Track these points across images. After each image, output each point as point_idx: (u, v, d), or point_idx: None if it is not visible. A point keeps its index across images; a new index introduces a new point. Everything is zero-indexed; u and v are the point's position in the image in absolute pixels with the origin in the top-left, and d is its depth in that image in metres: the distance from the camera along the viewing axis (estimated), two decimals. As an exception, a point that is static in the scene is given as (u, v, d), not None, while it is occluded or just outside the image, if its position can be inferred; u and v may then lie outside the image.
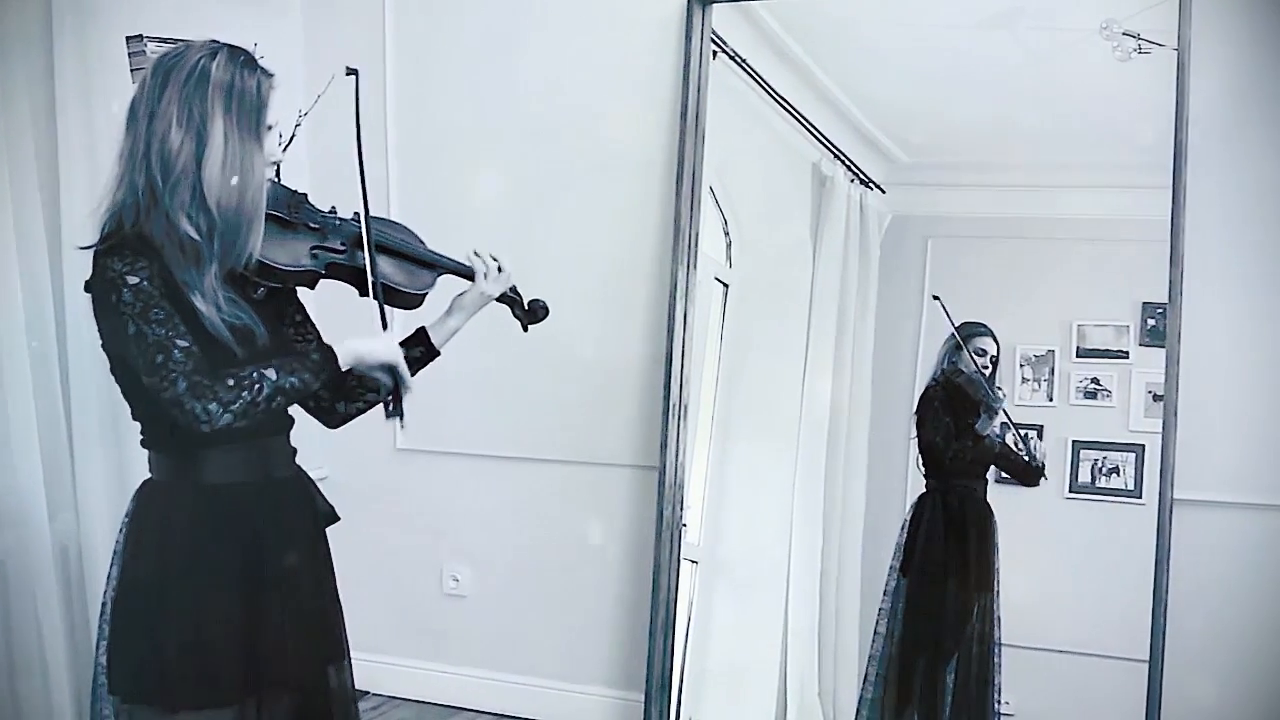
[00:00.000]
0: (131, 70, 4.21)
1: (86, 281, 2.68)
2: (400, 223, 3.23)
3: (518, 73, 5.04)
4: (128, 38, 4.25)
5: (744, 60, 4.72)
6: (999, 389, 4.53)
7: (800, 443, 4.85)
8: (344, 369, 2.84)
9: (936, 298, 4.55)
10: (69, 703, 4.10)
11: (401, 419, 2.97)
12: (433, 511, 5.33)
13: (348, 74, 3.02)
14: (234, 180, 2.68)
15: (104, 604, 2.85)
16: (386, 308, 3.00)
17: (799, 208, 4.86)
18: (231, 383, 2.63)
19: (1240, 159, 4.15)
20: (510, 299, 3.28)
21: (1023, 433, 4.52)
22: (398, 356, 2.92)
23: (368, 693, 5.31)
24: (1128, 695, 4.12)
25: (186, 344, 2.61)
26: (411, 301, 3.14)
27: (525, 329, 3.36)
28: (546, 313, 3.34)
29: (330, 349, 2.83)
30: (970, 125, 4.65)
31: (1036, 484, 4.51)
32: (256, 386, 2.66)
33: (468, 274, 3.20)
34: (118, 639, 2.79)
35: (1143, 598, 4.10)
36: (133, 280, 2.58)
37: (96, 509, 4.18)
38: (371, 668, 5.16)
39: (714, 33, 4.69)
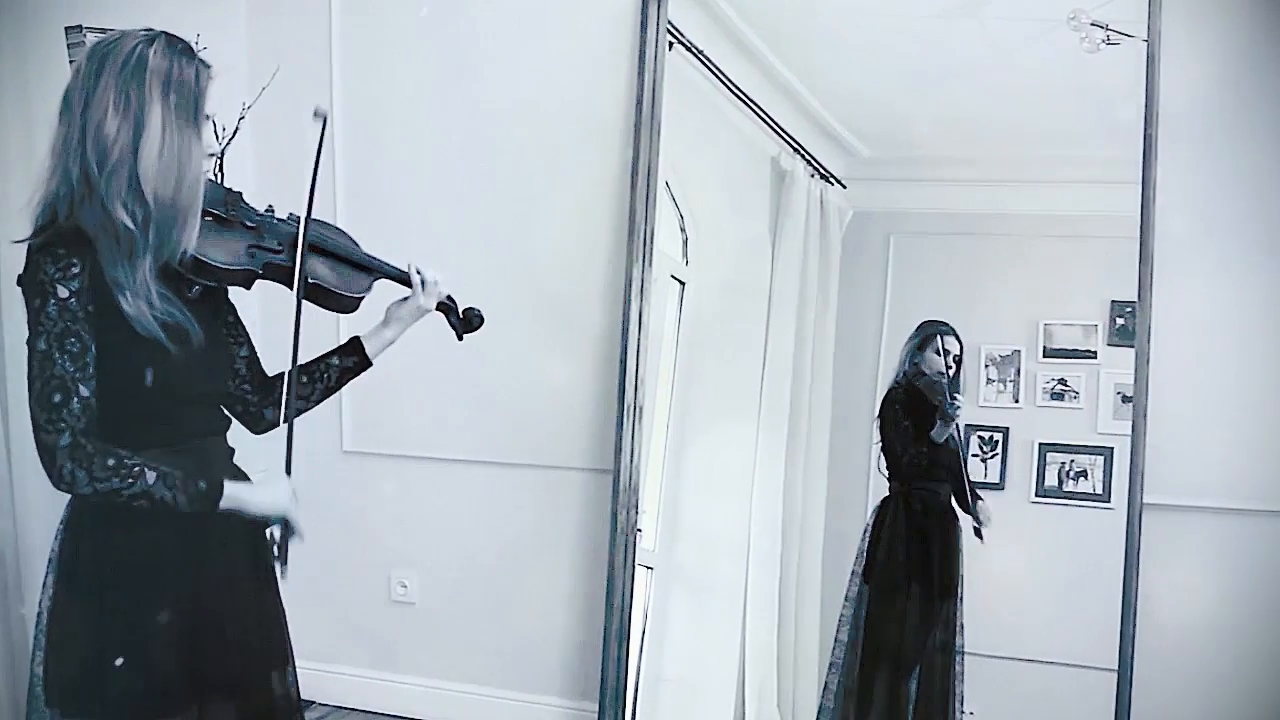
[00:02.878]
0: (70, 61, 4.19)
1: (19, 276, 2.60)
2: (338, 226, 3.20)
3: (467, 66, 4.96)
4: (66, 28, 4.24)
5: (701, 52, 4.65)
6: (959, 393, 4.51)
7: (759, 445, 4.81)
8: (221, 509, 2.72)
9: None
10: (6, 714, 4.03)
11: (284, 569, 2.89)
12: (380, 516, 5.24)
13: (316, 117, 2.94)
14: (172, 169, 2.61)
15: (39, 613, 2.76)
16: (325, 311, 3.04)
17: (757, 203, 4.82)
18: (111, 463, 2.56)
19: (1211, 153, 4.14)
20: (445, 307, 3.29)
21: (992, 443, 4.52)
22: (288, 508, 2.85)
23: (313, 702, 5.23)
24: (1096, 705, 4.11)
25: (88, 393, 2.56)
26: (347, 305, 3.11)
27: (460, 338, 3.34)
28: (481, 321, 3.34)
29: (220, 485, 2.71)
30: (934, 118, 4.61)
31: (968, 513, 4.48)
32: (130, 480, 2.58)
33: (405, 279, 3.20)
34: (54, 650, 2.73)
35: (1111, 605, 4.09)
36: (61, 293, 2.53)
37: (33, 513, 4.15)
38: (317, 676, 5.09)
39: (670, 23, 4.62)
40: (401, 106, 5.08)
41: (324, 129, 2.94)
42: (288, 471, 2.91)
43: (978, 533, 4.44)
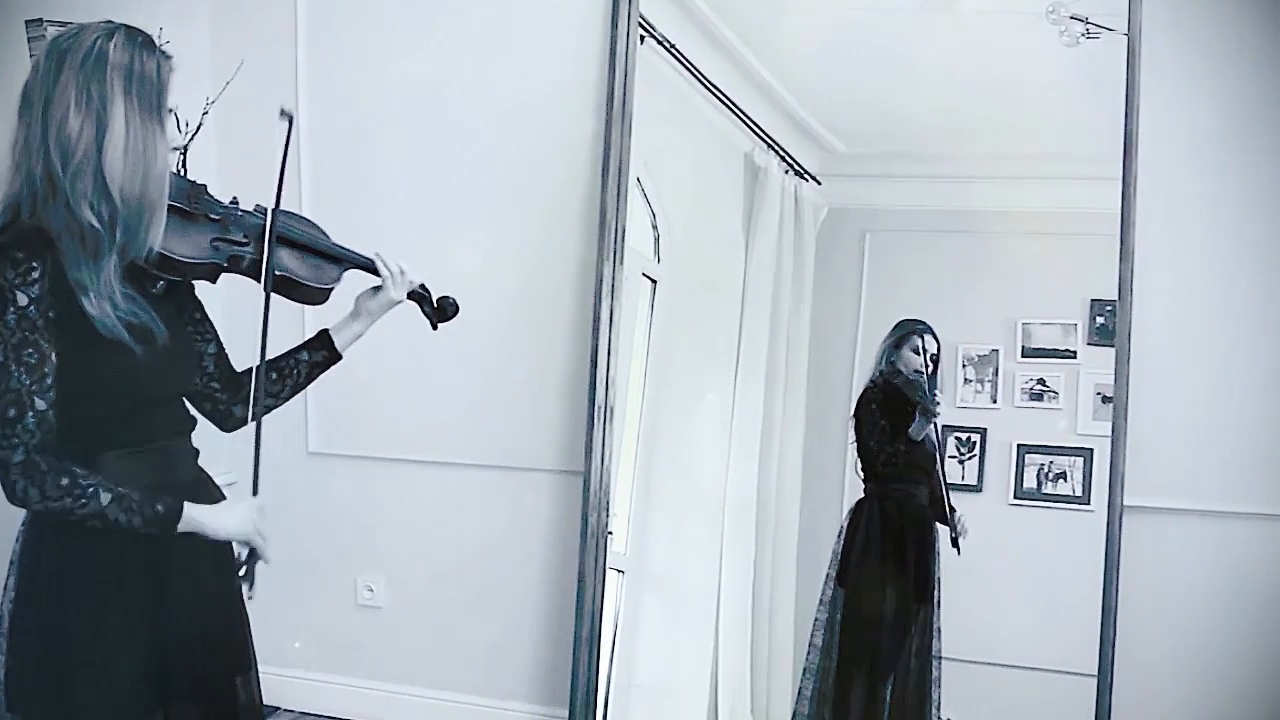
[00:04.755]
0: (31, 56, 4.14)
1: None
2: (304, 216, 3.18)
3: (435, 59, 4.90)
4: (27, 22, 4.20)
5: (673, 45, 4.61)
6: (938, 391, 4.47)
7: (731, 446, 4.77)
8: (178, 531, 2.70)
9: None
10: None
11: (250, 589, 2.89)
12: (347, 518, 5.19)
13: (282, 117, 2.94)
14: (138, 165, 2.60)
15: (0, 615, 2.74)
16: (293, 303, 3.05)
17: (731, 200, 4.78)
18: (66, 482, 2.55)
19: (1191, 149, 4.13)
20: (419, 296, 3.29)
21: (970, 444, 4.49)
22: (251, 533, 2.84)
23: (278, 708, 5.18)
24: (1075, 711, 4.10)
25: (44, 407, 2.54)
26: (316, 296, 3.11)
27: (435, 327, 3.35)
28: (456, 310, 3.33)
29: (179, 509, 2.69)
30: (910, 114, 4.57)
31: (944, 524, 4.46)
32: (83, 501, 2.56)
33: (374, 269, 3.19)
34: (15, 653, 2.71)
35: (1090, 609, 4.09)
36: (21, 301, 2.51)
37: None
38: (281, 682, 5.05)
39: (641, 16, 4.57)
40: (368, 100, 5.02)
41: (290, 129, 2.93)
42: (255, 488, 2.90)
43: (955, 543, 4.41)
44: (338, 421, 5.00)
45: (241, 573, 2.84)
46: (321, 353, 3.14)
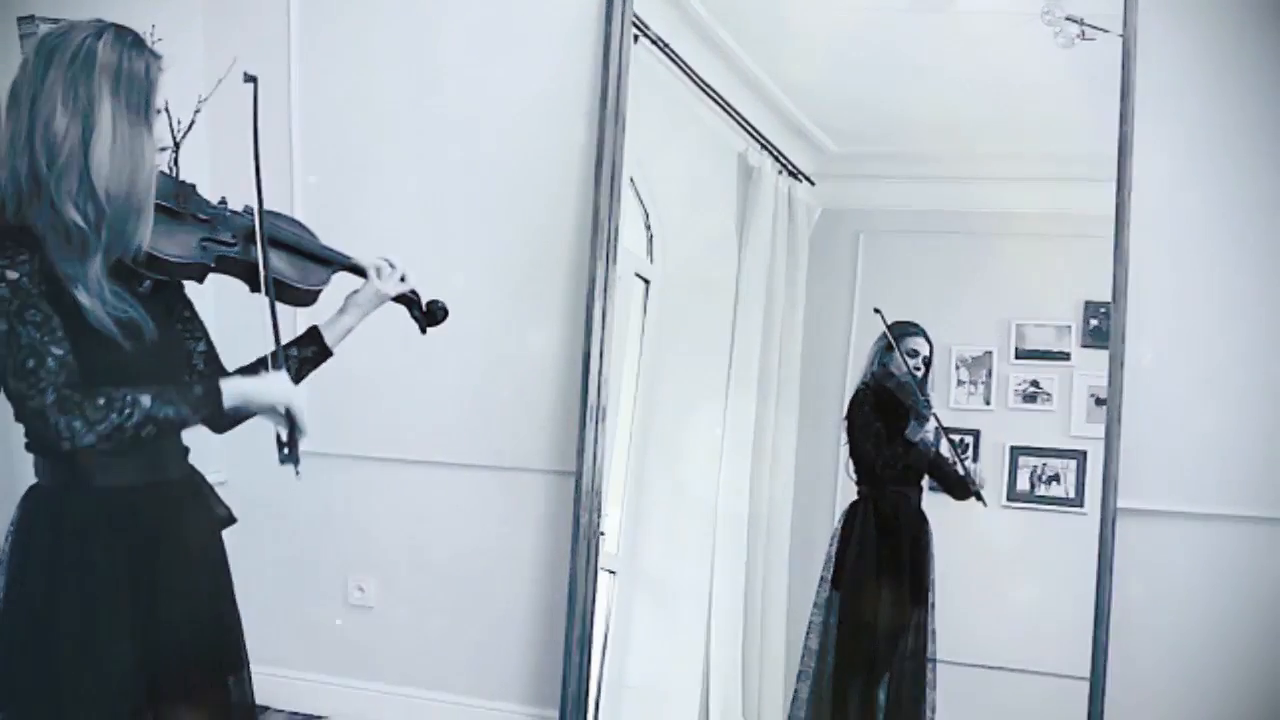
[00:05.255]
0: (23, 52, 4.08)
1: None
2: (292, 217, 3.20)
3: (428, 59, 4.90)
4: (19, 18, 4.18)
5: (667, 45, 4.60)
6: (929, 394, 4.49)
7: (724, 448, 4.77)
8: (227, 408, 2.76)
9: (878, 310, 4.51)
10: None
11: (297, 466, 2.85)
12: (338, 518, 5.17)
13: (246, 80, 2.96)
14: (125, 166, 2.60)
15: None
16: (282, 305, 2.96)
17: (724, 200, 4.79)
18: (102, 402, 2.55)
19: (1187, 151, 4.13)
20: (408, 299, 3.28)
21: (963, 446, 4.49)
22: (292, 398, 2.84)
23: (269, 708, 5.16)
24: (1068, 714, 4.10)
25: (61, 353, 2.55)
26: (304, 298, 3.11)
27: (424, 331, 3.34)
28: (445, 314, 3.32)
29: (216, 385, 2.74)
30: (904, 114, 4.58)
31: (966, 499, 4.45)
32: (128, 411, 2.57)
33: (363, 272, 3.20)
34: (5, 653, 2.71)
35: (1084, 612, 4.09)
36: (12, 275, 2.52)
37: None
38: (273, 681, 5.01)
39: (635, 16, 4.56)
40: (361, 100, 5.01)
41: (255, 92, 2.94)
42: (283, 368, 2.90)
43: (980, 497, 4.42)
44: (328, 421, 4.96)
45: (285, 450, 2.83)
46: (311, 348, 3.14)
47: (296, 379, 3.09)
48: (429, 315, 3.29)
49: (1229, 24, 4.06)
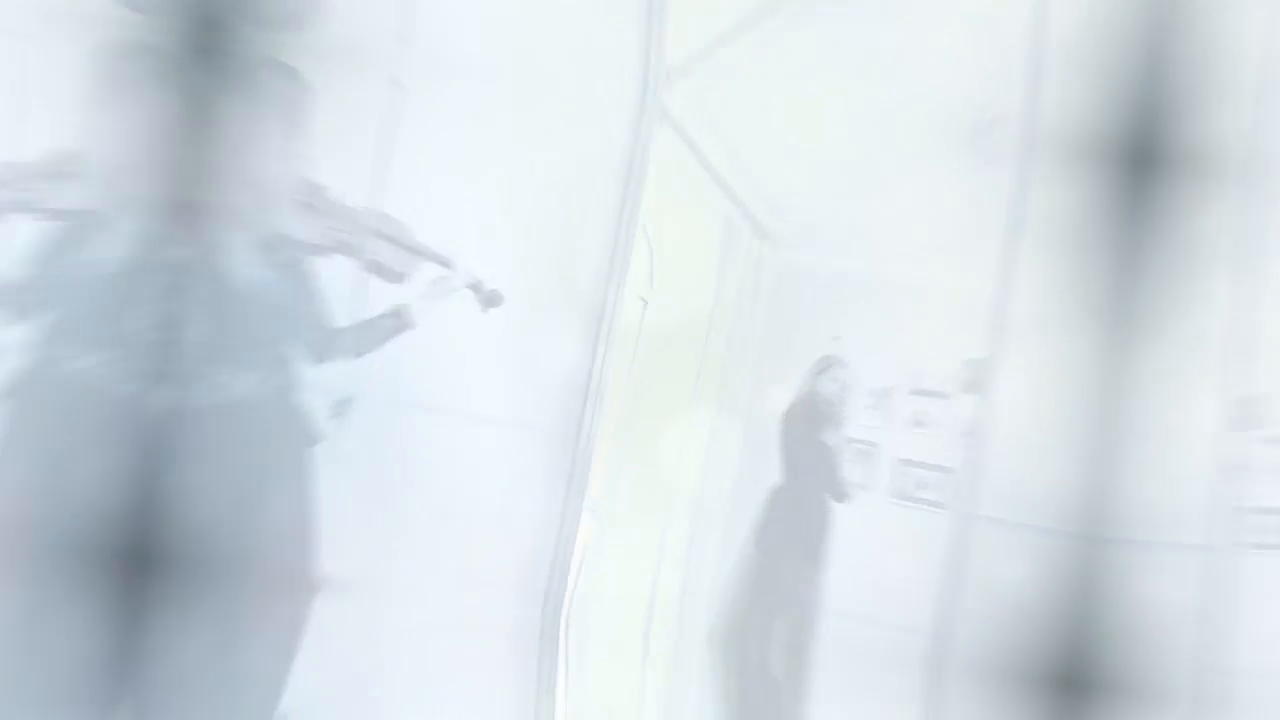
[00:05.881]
0: None
1: None
2: (392, 215, 3.49)
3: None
4: None
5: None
6: (844, 412, 5.14)
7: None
8: None
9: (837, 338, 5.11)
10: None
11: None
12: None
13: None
14: None
15: None
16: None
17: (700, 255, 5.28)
18: None
19: None
20: (475, 286, 3.59)
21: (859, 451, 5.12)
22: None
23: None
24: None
25: None
26: (394, 280, 3.45)
27: (484, 311, 3.62)
28: (501, 300, 3.63)
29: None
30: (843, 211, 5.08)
31: (841, 502, 5.06)
32: None
33: (446, 264, 3.50)
34: None
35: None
36: None
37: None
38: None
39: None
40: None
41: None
42: None
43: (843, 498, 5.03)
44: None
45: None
46: (392, 320, 3.38)
47: (378, 345, 3.38)
48: (490, 299, 3.61)
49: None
